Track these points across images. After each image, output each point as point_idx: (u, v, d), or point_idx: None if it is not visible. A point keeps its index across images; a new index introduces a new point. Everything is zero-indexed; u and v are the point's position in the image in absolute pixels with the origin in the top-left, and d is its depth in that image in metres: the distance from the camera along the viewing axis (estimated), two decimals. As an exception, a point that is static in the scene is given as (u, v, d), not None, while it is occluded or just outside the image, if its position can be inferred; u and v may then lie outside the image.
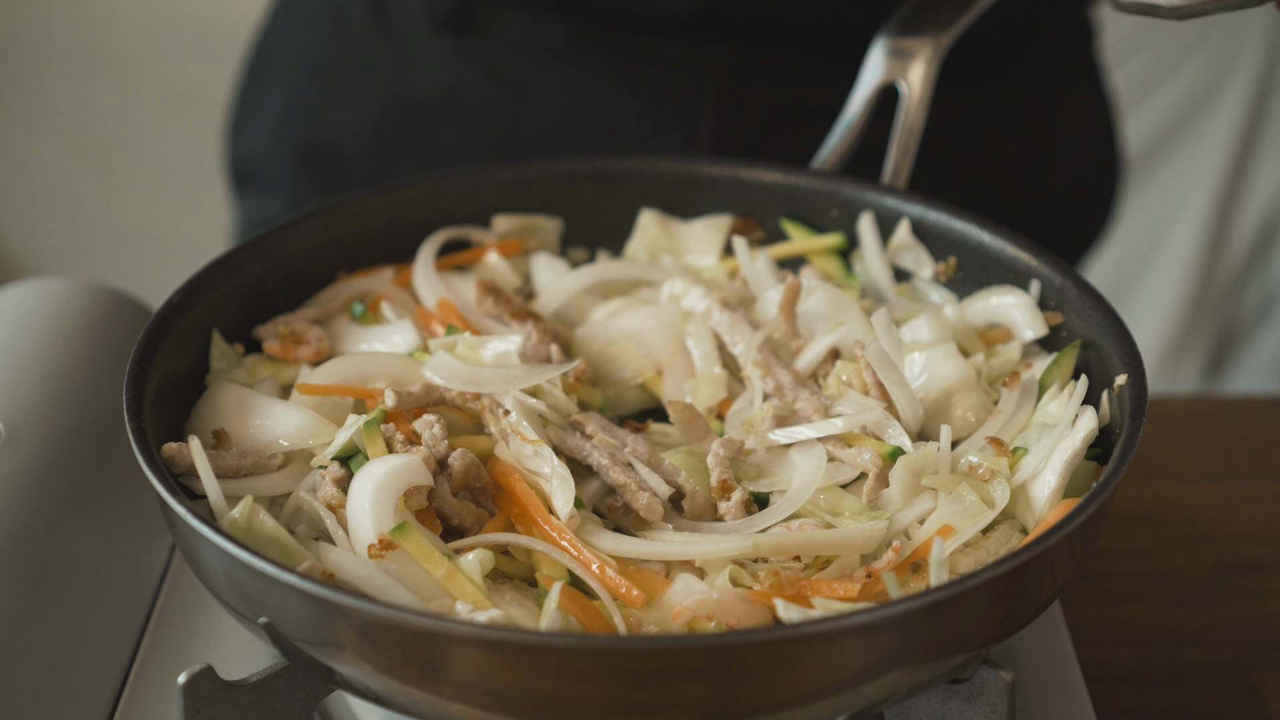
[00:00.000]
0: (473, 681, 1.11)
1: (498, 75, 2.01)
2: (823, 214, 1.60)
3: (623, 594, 1.22)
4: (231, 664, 1.27)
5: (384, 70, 2.07)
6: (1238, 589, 1.65)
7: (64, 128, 3.77)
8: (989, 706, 1.20)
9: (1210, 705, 1.51)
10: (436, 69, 2.03)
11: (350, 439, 1.31)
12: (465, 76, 2.02)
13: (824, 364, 1.45)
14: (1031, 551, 1.15)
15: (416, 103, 2.05)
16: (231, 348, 1.46)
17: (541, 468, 1.31)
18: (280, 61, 2.18)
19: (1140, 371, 1.31)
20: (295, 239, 1.53)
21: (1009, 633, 1.20)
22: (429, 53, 2.03)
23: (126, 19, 3.67)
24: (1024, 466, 1.31)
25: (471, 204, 1.61)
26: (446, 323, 1.50)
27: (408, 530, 1.22)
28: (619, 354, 1.51)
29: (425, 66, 2.04)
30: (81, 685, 1.36)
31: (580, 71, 1.98)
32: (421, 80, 2.04)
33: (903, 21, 1.64)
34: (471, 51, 2.01)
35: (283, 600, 1.14)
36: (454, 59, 2.02)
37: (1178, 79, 3.63)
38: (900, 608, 1.11)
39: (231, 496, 1.28)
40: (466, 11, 1.99)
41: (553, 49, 1.97)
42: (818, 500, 1.32)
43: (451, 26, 2.01)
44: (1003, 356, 1.44)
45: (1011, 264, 1.49)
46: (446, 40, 2.02)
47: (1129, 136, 3.64)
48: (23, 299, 1.67)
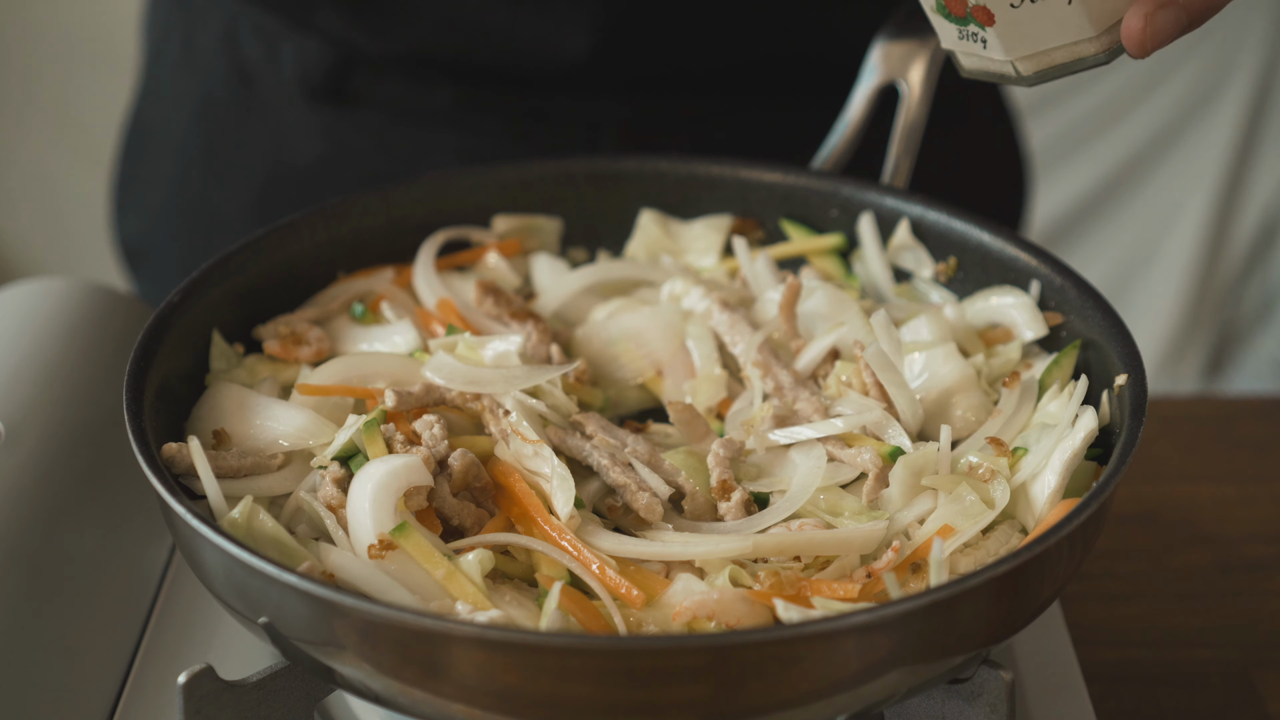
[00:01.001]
0: (473, 682, 1.11)
1: (381, 143, 1.92)
2: (823, 214, 1.60)
3: (623, 594, 1.22)
4: (231, 664, 1.27)
5: (259, 146, 1.98)
6: (1237, 589, 1.65)
7: (64, 127, 3.77)
8: (989, 706, 1.20)
9: (1210, 705, 1.51)
10: (314, 139, 1.94)
11: (350, 439, 1.31)
12: (347, 145, 1.93)
13: (824, 364, 1.45)
14: (1031, 551, 1.15)
15: (297, 174, 1.95)
16: (231, 348, 1.46)
17: (541, 468, 1.31)
18: (154, 144, 2.11)
19: (1140, 371, 1.31)
20: (295, 239, 1.53)
21: (1009, 633, 1.20)
22: (305, 124, 1.94)
23: (126, 19, 3.67)
24: (1024, 466, 1.31)
25: (471, 204, 1.61)
26: (446, 323, 1.50)
27: (408, 530, 1.22)
28: (619, 354, 1.51)
29: (302, 137, 1.95)
30: (81, 685, 1.36)
31: (470, 135, 1.89)
32: (300, 151, 1.95)
33: (901, 22, 1.64)
34: (352, 120, 1.92)
35: (283, 600, 1.14)
36: (333, 129, 1.93)
37: (1178, 79, 3.63)
38: (900, 608, 1.11)
39: (231, 497, 1.28)
40: (343, 81, 1.90)
41: (440, 114, 1.88)
42: (818, 500, 1.32)
43: (327, 97, 1.91)
44: (1003, 357, 1.44)
45: (1011, 264, 1.49)
46: (323, 110, 1.93)
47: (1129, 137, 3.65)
48: (22, 299, 1.67)
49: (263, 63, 1.96)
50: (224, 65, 1.99)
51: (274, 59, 1.94)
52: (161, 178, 2.09)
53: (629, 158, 1.64)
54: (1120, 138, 3.66)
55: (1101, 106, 3.68)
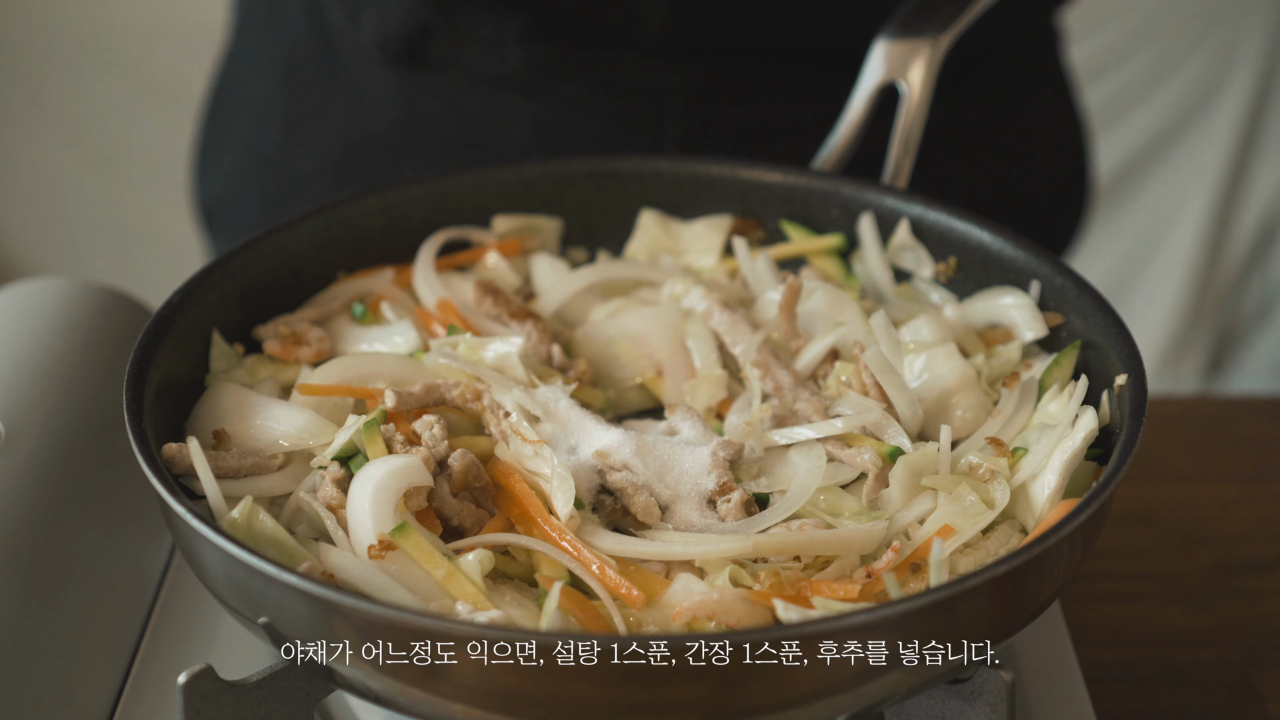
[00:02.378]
0: (473, 682, 1.11)
1: (455, 108, 1.96)
2: (823, 214, 1.60)
3: (623, 594, 1.22)
4: (231, 664, 1.27)
5: (338, 108, 2.03)
6: (1237, 589, 1.65)
7: (64, 127, 3.77)
8: (989, 706, 1.20)
9: (1210, 705, 1.51)
10: (391, 104, 1.99)
11: (350, 439, 1.31)
12: (422, 110, 1.97)
13: (823, 364, 1.45)
14: (1031, 551, 1.15)
15: (374, 138, 2.01)
16: (231, 348, 1.46)
17: (542, 468, 1.31)
18: (237, 104, 2.15)
19: (1140, 371, 1.31)
20: (295, 239, 1.53)
21: (1009, 633, 1.20)
22: (383, 88, 1.99)
23: (126, 18, 3.67)
24: (1024, 467, 1.31)
25: (471, 204, 1.61)
26: (447, 323, 1.50)
27: (408, 531, 1.22)
28: (619, 354, 1.51)
29: (380, 102, 2.00)
30: (81, 685, 1.36)
31: (540, 102, 1.93)
32: (377, 116, 2.00)
33: (902, 22, 1.64)
34: (427, 85, 1.97)
35: (283, 600, 1.14)
36: (409, 93, 1.98)
37: (1178, 79, 3.63)
38: (900, 608, 1.11)
39: (231, 497, 1.28)
40: (420, 45, 1.94)
41: (511, 80, 1.93)
42: (817, 500, 1.32)
43: (405, 61, 1.96)
44: (1003, 357, 1.44)
45: (1011, 264, 1.49)
46: (400, 75, 1.97)
47: (1129, 137, 3.65)
48: (22, 299, 1.67)
49: (345, 26, 2.00)
50: (307, 29, 2.05)
51: (356, 22, 1.98)
52: (242, 139, 2.14)
53: (629, 158, 1.64)
54: (1120, 137, 3.66)
55: (1102, 106, 3.68)
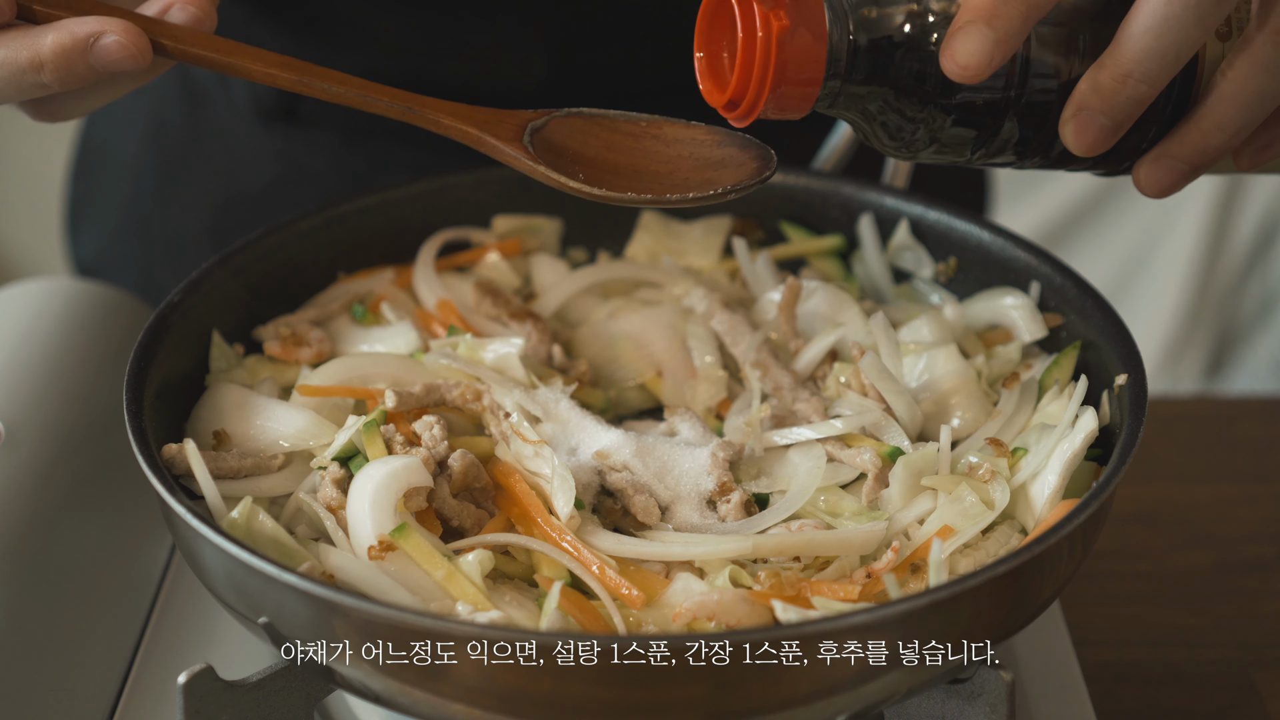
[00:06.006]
0: (473, 682, 1.11)
1: (336, 161, 1.89)
2: (823, 214, 1.60)
3: (623, 594, 1.22)
4: (231, 664, 1.27)
5: (212, 167, 1.96)
6: (1237, 589, 1.65)
7: (64, 127, 3.76)
8: (989, 706, 1.20)
9: (1210, 705, 1.51)
10: (268, 161, 1.92)
11: (350, 440, 1.31)
12: (302, 166, 1.90)
13: (823, 365, 1.45)
14: (1031, 552, 1.15)
15: (253, 197, 1.93)
16: (231, 348, 1.46)
17: (542, 468, 1.31)
18: (106, 164, 2.07)
19: (1140, 371, 1.31)
20: (295, 239, 1.53)
21: (1009, 633, 1.20)
22: (259, 145, 1.91)
23: (126, 19, 3.66)
24: (1024, 467, 1.31)
25: (471, 204, 1.61)
26: (447, 324, 1.50)
27: (407, 531, 1.22)
28: (619, 355, 1.51)
29: (256, 159, 1.92)
30: (81, 685, 1.36)
31: (424, 152, 1.85)
32: (255, 173, 1.93)
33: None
34: (305, 140, 1.89)
35: (283, 600, 1.14)
36: (285, 150, 1.90)
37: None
38: (900, 608, 1.11)
39: (231, 498, 1.28)
40: (295, 102, 1.87)
41: (391, 131, 1.81)
42: (817, 501, 1.32)
43: (280, 118, 1.89)
44: (1002, 357, 1.44)
45: (1011, 264, 1.49)
46: (276, 131, 1.90)
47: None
48: (23, 299, 1.67)
49: (213, 84, 1.94)
50: (173, 86, 1.97)
51: (225, 80, 1.91)
52: (114, 199, 2.06)
53: (629, 158, 1.64)
54: (1120, 137, 3.66)
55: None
